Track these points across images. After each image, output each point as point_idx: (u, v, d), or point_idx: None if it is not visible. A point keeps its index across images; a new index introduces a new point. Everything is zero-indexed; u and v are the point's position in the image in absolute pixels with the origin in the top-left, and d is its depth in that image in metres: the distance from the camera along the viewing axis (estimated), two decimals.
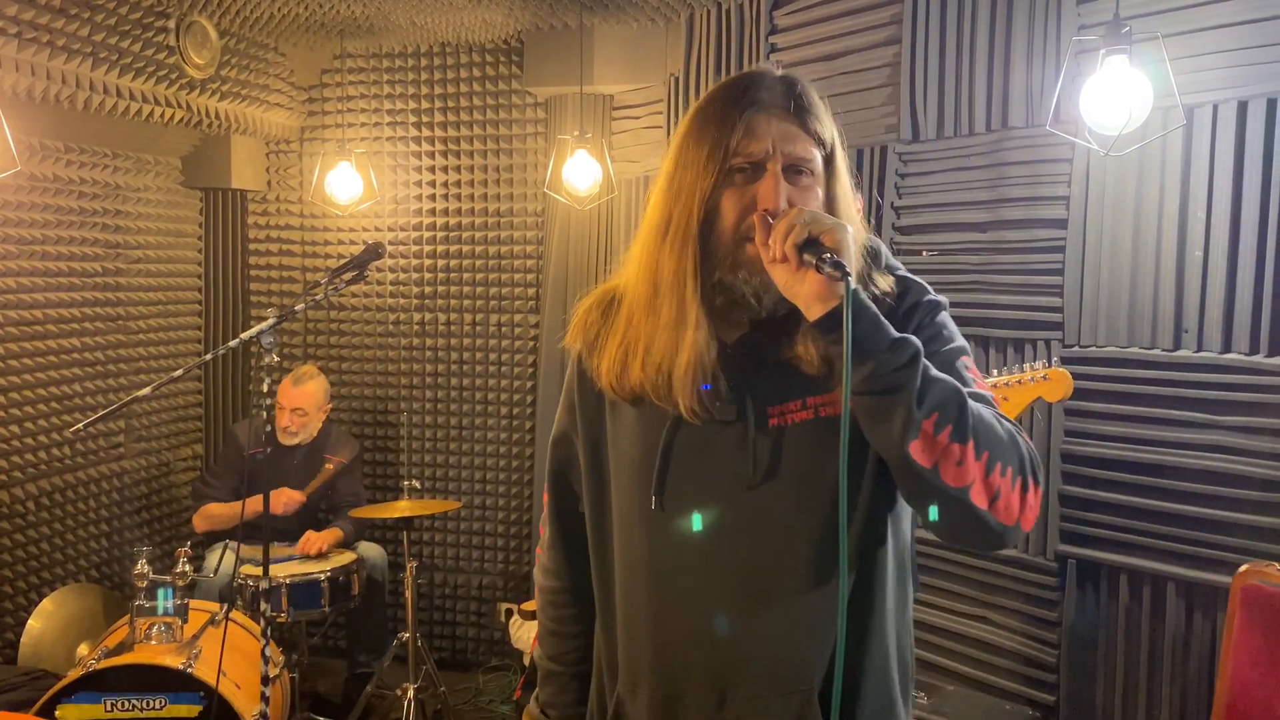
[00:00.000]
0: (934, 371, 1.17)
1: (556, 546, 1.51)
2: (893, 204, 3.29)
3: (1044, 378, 2.43)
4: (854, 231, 1.20)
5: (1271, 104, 2.45)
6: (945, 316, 1.33)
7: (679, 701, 1.31)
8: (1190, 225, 2.60)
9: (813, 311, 1.16)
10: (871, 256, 1.31)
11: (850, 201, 1.30)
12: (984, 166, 3.04)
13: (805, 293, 1.16)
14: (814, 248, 1.14)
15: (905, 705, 1.34)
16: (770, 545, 1.26)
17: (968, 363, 1.28)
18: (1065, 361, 2.85)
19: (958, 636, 3.16)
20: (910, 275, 1.34)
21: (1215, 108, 2.54)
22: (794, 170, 1.23)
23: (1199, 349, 2.60)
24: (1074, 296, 2.83)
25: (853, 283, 1.12)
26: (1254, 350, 2.51)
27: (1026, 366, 2.49)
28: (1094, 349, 2.80)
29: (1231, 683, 2.23)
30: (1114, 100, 2.39)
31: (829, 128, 1.27)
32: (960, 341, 1.31)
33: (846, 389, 1.11)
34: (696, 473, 1.28)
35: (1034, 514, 1.20)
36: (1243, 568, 2.27)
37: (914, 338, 1.16)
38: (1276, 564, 2.25)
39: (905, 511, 1.33)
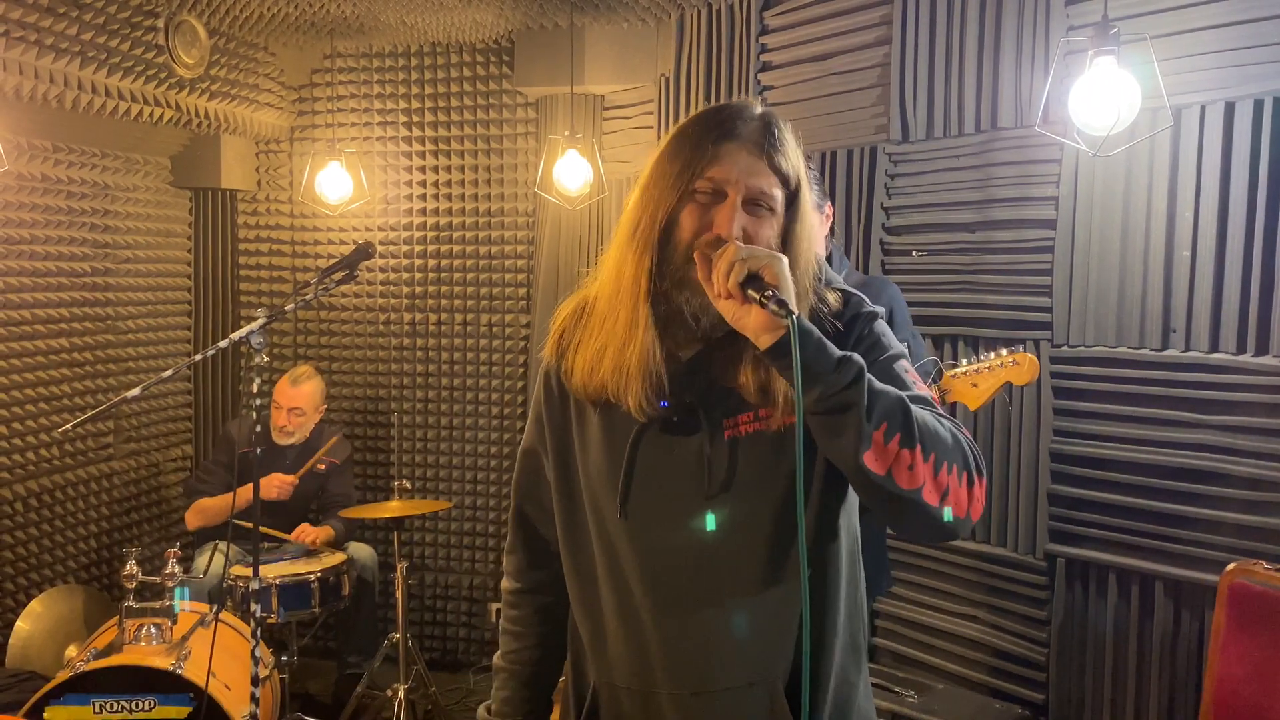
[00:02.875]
0: (878, 385, 1.24)
1: (516, 551, 1.61)
2: (882, 204, 3.30)
3: (1013, 363, 2.46)
4: (801, 259, 1.32)
5: (1258, 105, 2.47)
6: (882, 325, 1.41)
7: (652, 698, 1.38)
8: (1178, 225, 2.62)
9: (761, 342, 1.23)
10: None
11: (809, 238, 1.36)
12: (973, 167, 3.05)
13: (753, 325, 1.23)
14: (755, 284, 1.21)
15: (861, 684, 1.44)
16: (730, 549, 1.34)
17: (906, 366, 1.36)
18: (1054, 361, 2.86)
19: (948, 635, 3.17)
20: (852, 291, 1.43)
21: (1203, 109, 2.55)
22: (753, 203, 1.31)
23: (1186, 349, 2.62)
24: (1063, 296, 2.84)
25: (797, 318, 1.20)
26: (1241, 350, 2.52)
27: (993, 353, 2.50)
28: (1082, 349, 2.81)
29: (1219, 680, 2.25)
30: (1102, 101, 2.40)
31: (796, 166, 1.35)
32: (898, 348, 1.39)
33: (800, 414, 1.20)
34: (659, 484, 1.36)
35: (981, 505, 1.29)
36: (1230, 566, 2.28)
37: (856, 356, 1.23)
38: (1264, 562, 2.26)
39: (853, 504, 1.43)
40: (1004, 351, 2.49)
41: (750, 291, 1.21)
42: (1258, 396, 2.48)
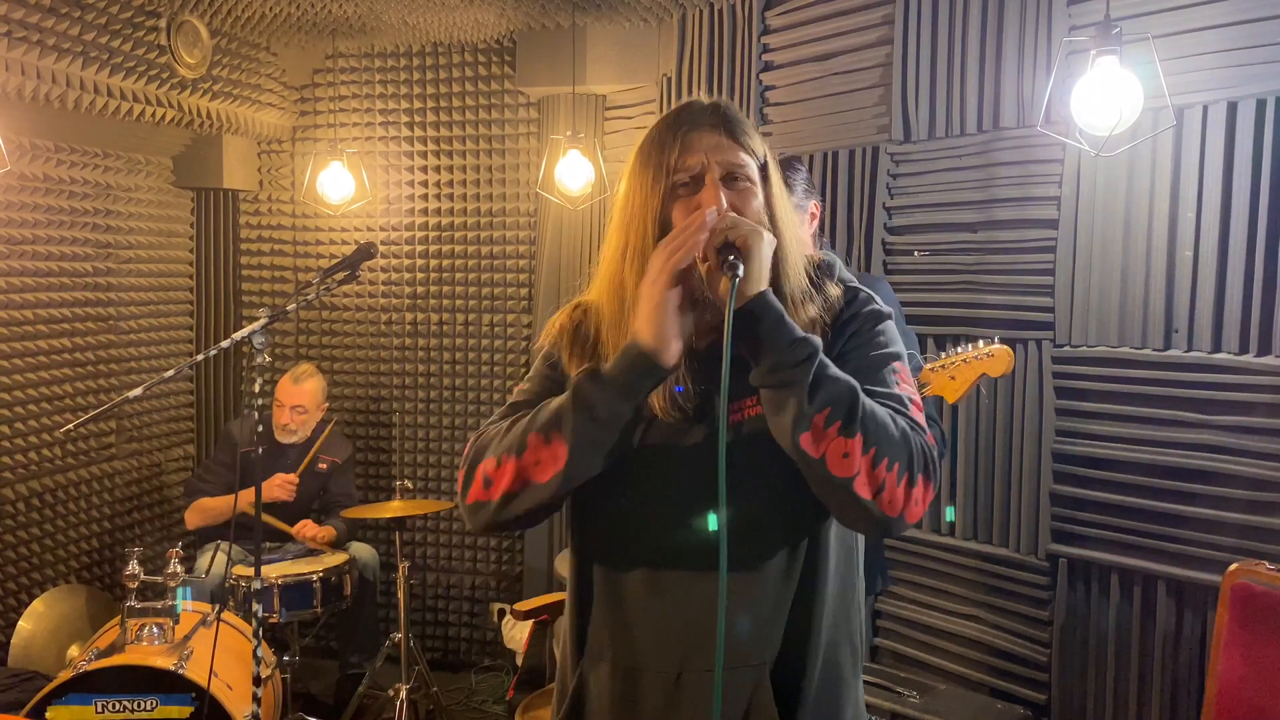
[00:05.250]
0: (832, 371, 1.26)
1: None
2: (884, 204, 3.29)
3: (988, 354, 2.47)
4: (786, 234, 1.35)
5: (1261, 105, 2.46)
6: (886, 325, 1.41)
7: (639, 675, 1.39)
8: (1180, 225, 2.61)
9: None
10: (824, 268, 1.44)
11: (787, 208, 1.41)
12: (975, 167, 3.05)
13: (721, 292, 1.26)
14: (727, 250, 1.25)
15: (856, 682, 1.44)
16: (731, 531, 1.33)
17: (897, 367, 1.37)
18: (1056, 361, 2.86)
19: (950, 635, 3.16)
20: (861, 288, 1.45)
21: (1205, 108, 2.55)
22: (731, 177, 1.35)
23: (1189, 349, 2.61)
24: (1065, 296, 2.84)
25: (761, 285, 1.23)
26: (1244, 350, 2.52)
27: (969, 346, 2.51)
28: (1085, 349, 2.81)
29: (1221, 681, 2.24)
30: (1105, 101, 2.40)
31: (759, 143, 1.39)
32: (895, 349, 1.39)
33: (725, 378, 1.20)
34: (664, 465, 1.38)
35: (920, 509, 1.28)
36: (1232, 566, 2.28)
37: (815, 339, 1.26)
38: (1266, 563, 2.26)
39: None
40: (980, 343, 2.50)
41: (719, 256, 1.25)
42: (1260, 397, 2.48)
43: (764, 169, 1.39)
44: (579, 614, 1.47)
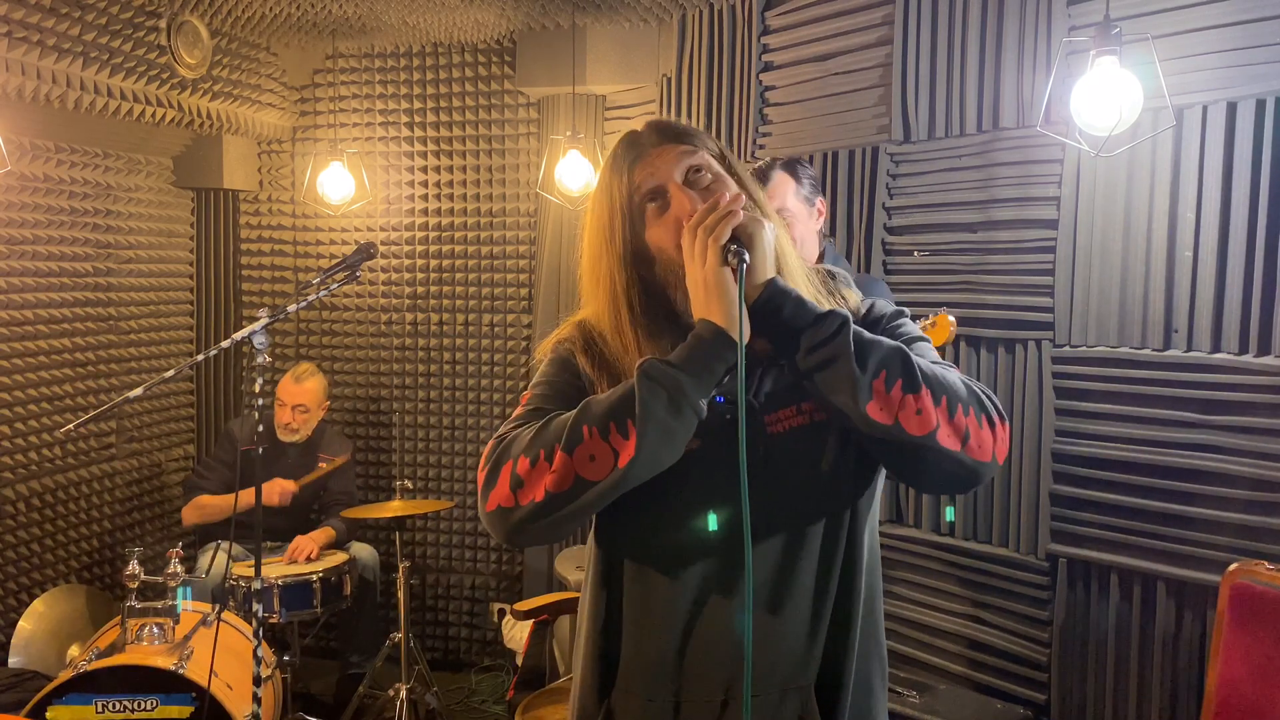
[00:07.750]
0: (870, 336, 1.21)
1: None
2: (884, 204, 3.29)
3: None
4: (772, 216, 1.29)
5: (1260, 105, 2.46)
6: (906, 320, 1.40)
7: (679, 706, 1.32)
8: (1180, 226, 2.61)
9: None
10: (838, 277, 1.42)
11: (763, 197, 1.36)
12: (975, 167, 3.05)
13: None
14: (729, 240, 1.20)
15: (883, 693, 1.42)
16: (771, 549, 1.30)
17: (928, 348, 1.35)
18: (1056, 361, 2.86)
19: (949, 636, 3.16)
20: (875, 300, 1.45)
21: (1205, 109, 2.55)
22: (695, 169, 1.30)
23: (1188, 349, 2.61)
24: (1064, 297, 2.84)
25: (769, 273, 1.19)
26: (1243, 350, 2.52)
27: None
28: (1084, 349, 2.81)
29: (1221, 681, 2.24)
30: (1104, 101, 2.40)
31: (710, 140, 1.35)
32: (918, 334, 1.38)
33: (740, 371, 1.16)
34: (703, 484, 1.29)
35: (1004, 448, 1.26)
36: (1232, 566, 2.28)
37: (842, 310, 1.21)
38: (1265, 563, 2.26)
39: (875, 507, 1.40)
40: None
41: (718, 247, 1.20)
42: (1260, 397, 2.48)
43: (723, 160, 1.34)
44: (602, 641, 1.37)
